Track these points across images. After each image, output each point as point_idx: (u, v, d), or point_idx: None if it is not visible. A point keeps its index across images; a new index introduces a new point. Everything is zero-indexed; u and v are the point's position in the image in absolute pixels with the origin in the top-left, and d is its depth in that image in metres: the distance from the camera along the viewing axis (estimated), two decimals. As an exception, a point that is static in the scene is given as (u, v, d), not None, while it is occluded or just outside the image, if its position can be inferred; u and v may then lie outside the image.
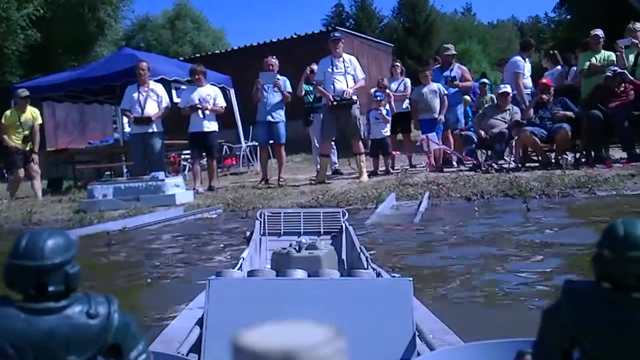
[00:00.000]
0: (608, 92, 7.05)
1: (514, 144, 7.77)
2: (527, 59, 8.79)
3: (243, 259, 2.19)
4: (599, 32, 7.56)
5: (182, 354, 1.39)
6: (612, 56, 7.45)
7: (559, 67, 8.55)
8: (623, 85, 6.92)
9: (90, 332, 0.80)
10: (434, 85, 8.15)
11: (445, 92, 8.13)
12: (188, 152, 9.07)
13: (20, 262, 0.77)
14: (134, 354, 0.85)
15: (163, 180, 6.56)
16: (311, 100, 8.62)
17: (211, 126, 7.77)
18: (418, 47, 30.09)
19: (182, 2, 34.23)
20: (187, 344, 1.45)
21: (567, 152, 7.66)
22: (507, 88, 7.85)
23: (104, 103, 14.05)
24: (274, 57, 8.18)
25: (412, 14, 32.69)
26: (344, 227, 2.82)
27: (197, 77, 7.85)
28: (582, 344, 0.74)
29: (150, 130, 8.08)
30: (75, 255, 0.81)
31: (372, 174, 8.00)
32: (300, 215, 2.93)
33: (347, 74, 7.45)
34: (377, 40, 20.96)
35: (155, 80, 8.44)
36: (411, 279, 1.50)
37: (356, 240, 2.53)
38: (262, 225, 2.86)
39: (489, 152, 8.22)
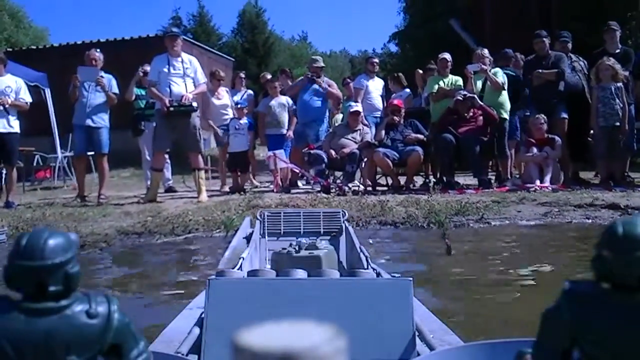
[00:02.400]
0: (457, 116, 6.68)
1: (363, 165, 7.05)
2: (374, 77, 8.27)
3: (243, 259, 2.09)
4: (447, 55, 7.45)
5: (182, 354, 1.36)
6: (460, 81, 7.47)
7: (406, 89, 8.15)
8: (472, 110, 6.58)
9: (91, 332, 0.81)
10: (282, 99, 7.31)
11: (294, 106, 7.22)
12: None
13: (20, 262, 0.78)
14: (134, 353, 0.86)
15: None
16: (142, 106, 7.49)
17: (11, 126, 6.10)
18: (256, 67, 29.64)
19: (-2, -5, 29.99)
20: (187, 343, 1.43)
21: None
22: (358, 107, 7.26)
23: None
24: (99, 50, 6.66)
25: (251, 35, 32.73)
26: (343, 227, 2.89)
27: (-6, 64, 6.14)
28: (581, 344, 0.74)
29: None
30: (75, 255, 0.81)
31: (235, 191, 7.58)
32: (300, 216, 2.96)
33: (186, 76, 6.41)
34: (217, 52, 19.74)
35: None
36: (411, 279, 1.51)
37: (356, 241, 2.56)
38: (262, 225, 2.89)
39: (336, 174, 8.15)
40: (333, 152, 7.48)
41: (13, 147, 6.83)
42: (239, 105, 7.83)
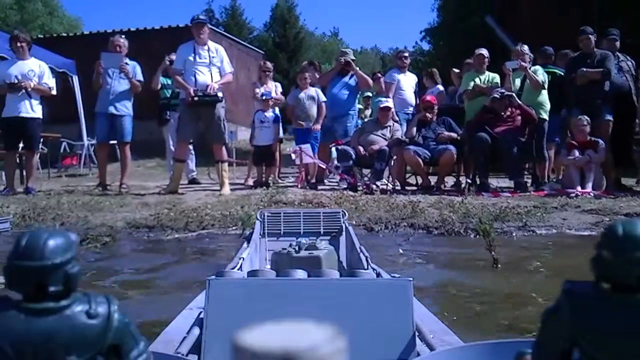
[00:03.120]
0: (494, 115, 6.27)
1: (392, 163, 6.71)
2: (406, 72, 7.89)
3: (243, 259, 2.12)
4: (484, 51, 7.07)
5: (182, 354, 1.38)
6: (497, 78, 7.12)
7: (439, 86, 7.76)
8: (510, 109, 6.18)
9: (90, 332, 0.81)
10: (312, 91, 6.99)
11: (324, 98, 6.89)
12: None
13: (20, 262, 0.78)
14: (134, 354, 0.86)
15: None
16: (168, 95, 7.35)
17: (33, 111, 5.92)
18: (287, 62, 29.53)
19: (34, -17, 30.38)
20: (186, 344, 1.44)
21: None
22: (389, 102, 6.90)
23: None
24: (123, 36, 6.44)
25: (282, 30, 32.52)
26: (343, 227, 2.87)
27: (18, 45, 5.92)
28: (581, 344, 0.74)
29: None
30: (75, 255, 0.82)
31: (259, 185, 7.35)
32: (300, 216, 2.94)
33: (212, 65, 6.21)
34: (247, 45, 19.48)
35: None
36: (411, 279, 1.50)
37: (356, 241, 2.53)
38: (261, 225, 2.85)
39: (362, 171, 7.86)
40: (361, 149, 7.25)
41: (35, 133, 6.73)
42: (263, 97, 7.53)
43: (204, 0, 36.67)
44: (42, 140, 11.22)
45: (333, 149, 7.68)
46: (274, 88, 8.29)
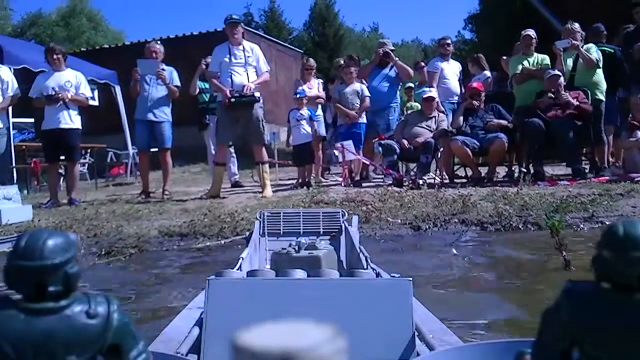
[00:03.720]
0: (547, 99, 5.91)
1: (439, 155, 6.39)
2: (449, 60, 7.52)
3: (242, 259, 2.16)
4: (531, 32, 6.71)
5: (182, 354, 1.38)
6: (547, 59, 6.60)
7: (486, 72, 7.36)
8: (566, 91, 5.77)
9: (90, 332, 0.82)
10: (357, 85, 6.75)
11: (368, 93, 6.63)
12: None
13: (19, 262, 0.79)
14: (134, 353, 0.87)
15: (-17, 190, 4.66)
16: (207, 99, 7.12)
17: (72, 122, 5.89)
18: (327, 61, 29.36)
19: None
20: (186, 344, 1.44)
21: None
22: (433, 92, 6.57)
23: None
24: (159, 42, 6.36)
25: (321, 28, 32.57)
26: (343, 227, 2.85)
27: (54, 57, 5.91)
28: (581, 344, 0.74)
29: (-12, 126, 6.81)
30: (75, 255, 0.82)
31: (300, 185, 7.24)
32: (299, 216, 2.94)
33: (248, 65, 6.06)
34: (286, 45, 19.38)
35: (15, 69, 6.35)
36: (411, 279, 1.50)
37: (356, 241, 2.56)
38: (261, 225, 2.86)
39: (408, 165, 7.81)
40: (406, 142, 7.01)
41: (75, 143, 6.77)
42: (297, 95, 7.33)
43: (242, 4, 36.97)
44: (88, 151, 11.46)
45: (376, 144, 7.41)
46: (316, 85, 8.08)
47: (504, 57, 8.46)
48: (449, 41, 8.64)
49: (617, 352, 0.70)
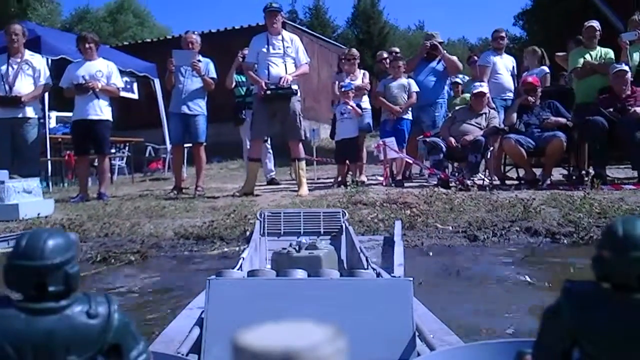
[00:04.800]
0: (612, 95, 5.31)
1: (489, 155, 5.86)
2: (502, 54, 6.97)
3: (243, 259, 2.17)
4: (595, 23, 6.21)
5: (182, 354, 1.39)
6: (610, 53, 6.07)
7: (544, 67, 6.79)
8: (631, 88, 5.18)
9: (91, 332, 0.82)
10: (404, 80, 6.33)
11: (417, 88, 6.14)
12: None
13: (20, 262, 0.80)
14: (134, 353, 0.87)
15: (2, 182, 4.36)
16: (243, 93, 6.73)
17: (102, 113, 5.69)
18: (371, 59, 28.90)
19: (126, -5, 31.65)
20: (187, 344, 1.45)
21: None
22: (484, 87, 6.08)
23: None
24: (196, 32, 6.04)
25: (366, 26, 32.60)
26: (343, 227, 2.83)
27: (87, 46, 5.68)
28: (582, 344, 0.74)
29: (20, 115, 6.43)
30: (75, 255, 0.83)
31: (339, 184, 6.92)
32: (300, 216, 2.91)
33: (286, 56, 5.78)
34: (329, 40, 19.01)
35: (53, 60, 7.29)
36: (411, 279, 1.51)
37: (356, 241, 2.52)
38: (262, 225, 2.85)
39: (455, 165, 7.32)
40: (453, 140, 6.62)
41: (104, 136, 6.61)
42: (343, 89, 6.90)
43: (287, 0, 36.74)
44: (127, 145, 11.37)
45: (421, 142, 6.94)
46: (360, 76, 7.66)
47: (558, 54, 7.85)
48: (502, 34, 8.11)
49: (617, 352, 0.70)
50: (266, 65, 6.29)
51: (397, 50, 9.07)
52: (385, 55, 8.61)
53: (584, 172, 6.59)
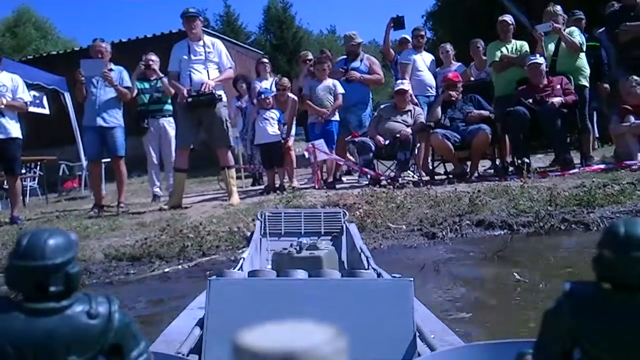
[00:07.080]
0: (530, 86, 6.36)
1: (416, 151, 5.84)
2: (422, 52, 7.01)
3: (243, 259, 2.15)
4: (508, 17, 6.21)
5: (183, 354, 1.39)
6: (525, 45, 6.18)
7: (458, 63, 6.95)
8: (547, 78, 5.32)
9: (91, 332, 0.82)
10: (329, 82, 6.13)
11: (342, 90, 6.02)
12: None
13: (20, 262, 0.79)
14: (135, 354, 0.87)
15: None
16: (146, 101, 6.19)
17: (10, 130, 5.08)
18: (287, 64, 29.05)
19: (24, 8, 29.66)
20: (187, 344, 1.45)
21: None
22: (405, 85, 6.03)
23: None
24: (104, 41, 5.61)
25: (279, 31, 32.20)
26: (344, 227, 2.81)
27: (-13, 61, 5.26)
28: (582, 344, 0.74)
29: None
30: (76, 255, 0.82)
31: (269, 191, 6.66)
32: (300, 216, 2.88)
33: (208, 61, 5.57)
34: (246, 46, 18.74)
35: None
36: (412, 279, 1.50)
37: (357, 241, 2.52)
38: (262, 225, 2.80)
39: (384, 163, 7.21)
40: (381, 139, 6.55)
41: (14, 155, 6.11)
42: (262, 96, 6.68)
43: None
44: (38, 164, 10.57)
45: (349, 142, 6.84)
46: (272, 82, 7.51)
47: (474, 40, 7.96)
48: (422, 32, 8.19)
49: (618, 352, 0.70)
50: (188, 72, 6.07)
51: (328, 52, 8.95)
52: (310, 56, 8.46)
53: (506, 163, 6.76)
